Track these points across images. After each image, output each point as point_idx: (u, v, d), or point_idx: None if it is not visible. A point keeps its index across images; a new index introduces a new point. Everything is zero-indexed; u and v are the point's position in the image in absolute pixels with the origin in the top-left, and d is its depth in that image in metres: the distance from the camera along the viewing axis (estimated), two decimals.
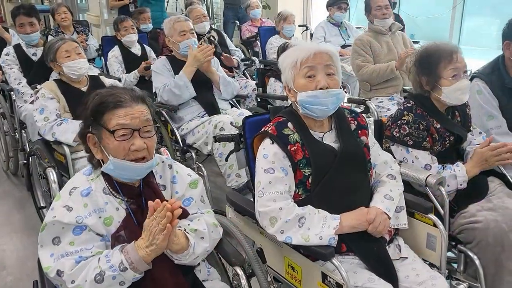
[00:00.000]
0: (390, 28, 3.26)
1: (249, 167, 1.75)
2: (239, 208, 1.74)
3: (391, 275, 1.43)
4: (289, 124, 1.54)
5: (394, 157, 1.81)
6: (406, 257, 1.52)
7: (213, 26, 4.85)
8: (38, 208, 2.81)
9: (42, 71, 3.10)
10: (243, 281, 1.41)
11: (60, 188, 2.12)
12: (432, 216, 1.61)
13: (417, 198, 1.68)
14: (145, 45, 4.06)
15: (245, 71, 4.18)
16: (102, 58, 4.16)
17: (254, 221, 1.64)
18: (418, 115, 1.84)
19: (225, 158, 2.14)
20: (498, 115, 2.10)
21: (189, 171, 1.49)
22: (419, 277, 1.43)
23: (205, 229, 1.36)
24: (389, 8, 3.23)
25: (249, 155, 1.72)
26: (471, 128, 2.01)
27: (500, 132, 2.08)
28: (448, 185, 1.78)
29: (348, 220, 1.45)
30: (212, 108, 2.79)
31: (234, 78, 3.66)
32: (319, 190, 1.49)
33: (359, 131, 1.61)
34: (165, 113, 2.79)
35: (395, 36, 3.29)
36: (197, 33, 3.07)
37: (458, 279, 1.73)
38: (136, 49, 3.96)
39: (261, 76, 3.45)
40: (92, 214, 1.28)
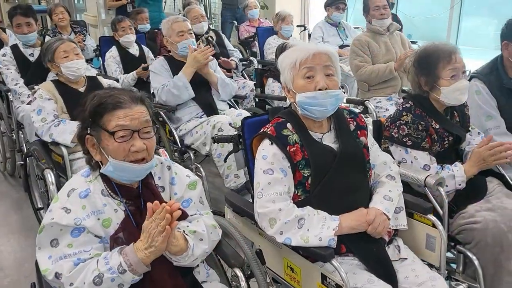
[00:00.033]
0: (388, 29, 3.26)
1: (248, 167, 1.75)
2: (238, 209, 1.73)
3: (390, 276, 1.43)
4: (288, 125, 1.54)
5: (393, 158, 1.81)
6: (405, 258, 1.52)
7: (211, 26, 4.84)
8: (36, 209, 2.80)
9: (39, 71, 3.08)
10: (243, 283, 1.41)
11: (58, 190, 2.12)
12: (431, 216, 1.61)
13: (416, 199, 1.68)
14: (143, 46, 4.05)
15: (243, 71, 4.18)
16: (100, 58, 4.14)
17: (253, 222, 1.64)
18: (417, 115, 1.84)
19: (223, 159, 2.14)
20: (496, 115, 2.11)
21: (188, 172, 1.49)
22: (419, 278, 1.43)
23: (204, 230, 1.36)
24: (387, 8, 3.23)
25: (248, 156, 1.72)
26: (469, 128, 2.01)
27: (499, 132, 2.09)
28: (447, 185, 1.78)
29: (348, 221, 1.44)
30: (210, 109, 2.79)
31: (232, 78, 3.65)
32: (318, 191, 1.49)
33: (358, 132, 1.61)
34: (163, 114, 2.78)
35: (393, 36, 3.29)
36: (195, 34, 3.06)
37: (457, 280, 1.73)
38: (134, 50, 3.95)
39: (259, 77, 3.45)
40: (90, 216, 1.27)
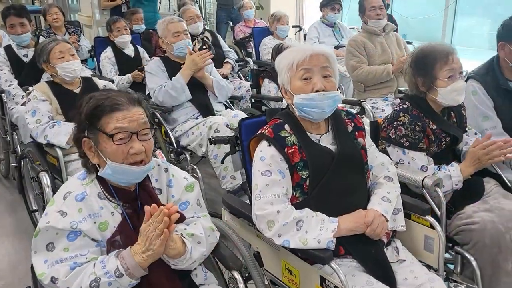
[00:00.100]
0: (384, 29, 3.26)
1: (245, 169, 1.74)
2: (235, 211, 1.72)
3: (389, 277, 1.43)
4: (286, 126, 1.53)
5: (390, 159, 1.80)
6: (404, 260, 1.51)
7: (206, 27, 4.82)
8: (30, 211, 2.77)
9: (33, 72, 3.06)
10: (241, 286, 1.40)
11: (53, 192, 2.10)
12: (429, 217, 1.60)
13: (414, 200, 1.67)
14: (138, 46, 4.03)
15: (239, 72, 4.17)
16: (95, 59, 4.12)
17: (250, 224, 1.63)
18: (414, 116, 1.84)
19: (220, 161, 2.13)
20: (493, 115, 2.11)
21: (185, 174, 1.47)
22: (417, 280, 1.42)
23: (201, 233, 1.35)
24: (383, 8, 3.23)
25: (245, 158, 1.71)
26: (466, 129, 2.01)
27: (495, 133, 2.08)
28: (444, 186, 1.77)
29: (346, 223, 1.44)
30: (206, 110, 2.77)
31: (228, 79, 3.64)
32: (316, 192, 1.48)
33: (356, 133, 1.60)
34: (159, 115, 2.76)
35: (389, 37, 3.29)
36: (190, 34, 3.05)
37: (456, 281, 1.73)
38: (129, 50, 3.93)
39: (255, 77, 3.44)
40: (87, 219, 1.25)
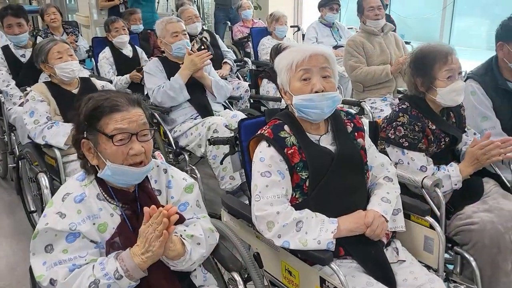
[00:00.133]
0: (383, 29, 3.26)
1: (244, 170, 1.73)
2: (235, 211, 1.72)
3: (389, 278, 1.42)
4: (286, 127, 1.53)
5: (390, 159, 1.80)
6: (404, 260, 1.51)
7: (204, 27, 4.82)
8: (28, 212, 2.76)
9: (31, 72, 3.05)
10: (240, 287, 1.39)
11: (52, 193, 2.09)
12: (429, 218, 1.60)
13: (413, 200, 1.67)
14: (136, 47, 4.02)
15: (238, 72, 4.16)
16: (93, 59, 4.11)
17: (249, 224, 1.63)
18: (413, 116, 1.84)
19: (220, 161, 2.12)
20: (492, 116, 2.11)
21: (184, 175, 1.47)
22: (417, 280, 1.42)
23: (201, 234, 1.34)
24: (381, 9, 3.24)
25: (244, 158, 1.70)
26: (465, 129, 2.01)
27: (494, 133, 2.08)
28: (443, 186, 1.77)
29: (346, 224, 1.43)
30: (205, 110, 2.77)
31: (227, 79, 3.63)
32: (316, 193, 1.48)
33: (355, 133, 1.60)
34: (157, 115, 2.76)
35: (387, 37, 3.29)
36: (189, 34, 3.05)
37: (456, 281, 1.73)
38: (128, 51, 3.92)
39: (254, 77, 3.43)
40: (86, 220, 1.25)
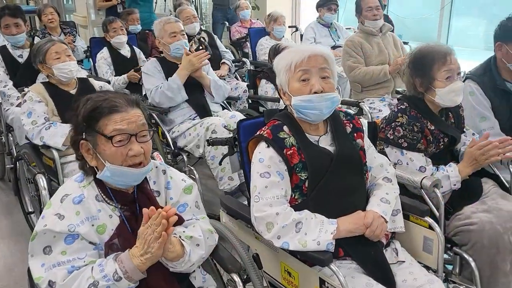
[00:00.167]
0: (381, 29, 3.27)
1: (243, 170, 1.73)
2: (233, 212, 1.71)
3: (388, 279, 1.42)
4: (285, 128, 1.52)
5: (389, 159, 1.80)
6: (403, 261, 1.51)
7: (202, 27, 4.81)
8: (26, 213, 2.75)
9: (28, 73, 3.04)
10: None
11: (50, 195, 2.08)
12: (428, 218, 1.60)
13: (412, 201, 1.67)
14: (134, 47, 4.01)
15: (236, 72, 4.15)
16: (91, 59, 4.10)
17: (248, 225, 1.62)
18: (412, 117, 1.84)
19: (218, 162, 2.12)
20: (490, 116, 2.11)
21: (183, 176, 1.47)
22: (417, 281, 1.42)
23: (200, 236, 1.34)
24: (379, 9, 3.24)
25: (243, 159, 1.70)
26: (464, 129, 2.01)
27: (493, 133, 2.08)
28: (442, 186, 1.77)
29: (346, 224, 1.43)
30: (203, 110, 2.77)
31: (225, 79, 3.63)
32: (315, 194, 1.47)
33: (354, 134, 1.60)
34: (155, 116, 2.75)
35: (386, 37, 3.29)
36: (187, 34, 3.04)
37: (455, 282, 1.73)
38: (126, 51, 3.91)
39: (252, 78, 3.43)
40: (84, 222, 1.24)
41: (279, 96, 1.64)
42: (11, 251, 2.64)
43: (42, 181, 2.16)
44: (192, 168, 2.66)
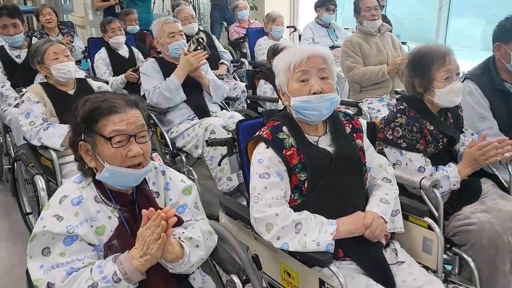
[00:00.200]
0: (379, 29, 3.27)
1: (242, 171, 1.73)
2: (233, 213, 1.71)
3: (388, 280, 1.42)
4: (284, 128, 1.52)
5: (388, 160, 1.80)
6: (402, 262, 1.51)
7: (200, 27, 4.81)
8: (24, 214, 2.74)
9: (26, 73, 3.03)
10: None
11: (48, 196, 2.07)
12: (428, 219, 1.60)
13: (412, 201, 1.67)
14: (132, 47, 4.01)
15: (234, 73, 4.15)
16: (89, 60, 4.09)
17: (248, 226, 1.62)
18: (411, 117, 1.83)
19: (218, 163, 2.11)
20: (489, 116, 2.11)
21: (183, 177, 1.46)
22: (417, 282, 1.42)
23: (200, 237, 1.34)
24: (378, 9, 3.24)
25: (243, 160, 1.70)
26: (463, 129, 2.01)
27: (492, 133, 2.09)
28: (441, 186, 1.77)
29: (345, 225, 1.43)
30: (202, 111, 2.76)
31: (223, 80, 3.63)
32: (315, 194, 1.47)
33: (354, 134, 1.60)
34: (154, 116, 2.75)
35: (384, 37, 3.29)
36: (185, 35, 3.04)
37: (454, 283, 1.73)
38: (124, 51, 3.91)
39: (251, 78, 3.43)
40: (83, 223, 1.24)
41: (278, 97, 1.64)
42: (9, 252, 2.63)
43: (40, 182, 2.15)
44: (190, 168, 2.66)
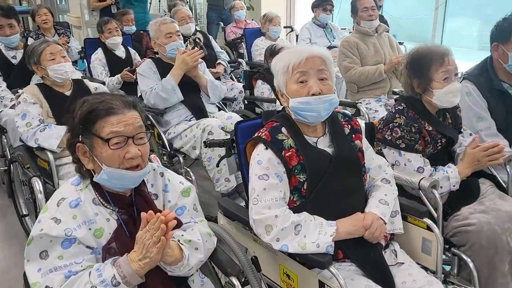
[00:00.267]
0: (377, 30, 3.27)
1: (241, 172, 1.72)
2: (231, 214, 1.70)
3: (388, 281, 1.42)
4: (283, 129, 1.51)
5: (386, 160, 1.79)
6: (402, 263, 1.50)
7: (196, 27, 4.80)
8: (20, 216, 2.73)
9: (22, 74, 3.01)
10: None
11: (45, 197, 2.06)
12: (427, 219, 1.60)
13: (411, 202, 1.67)
14: (129, 48, 3.99)
15: (232, 73, 4.14)
16: (85, 60, 4.07)
17: (246, 227, 1.61)
18: (410, 117, 1.83)
19: (216, 164, 2.10)
20: (487, 116, 2.11)
21: (181, 178, 1.45)
22: (416, 283, 1.42)
23: (199, 239, 1.33)
24: (375, 9, 3.24)
25: (241, 161, 1.69)
26: (461, 130, 2.01)
27: (489, 134, 2.10)
28: (441, 187, 1.77)
29: (345, 226, 1.42)
30: (199, 112, 2.75)
31: (220, 80, 3.62)
32: (314, 195, 1.46)
33: (353, 135, 1.59)
34: (151, 117, 2.73)
35: (381, 38, 3.29)
36: (182, 35, 3.02)
37: (453, 283, 1.72)
38: (120, 52, 3.89)
39: (248, 79, 3.42)
40: (81, 226, 1.22)
41: (276, 97, 1.63)
42: (5, 255, 2.61)
43: (38, 184, 2.14)
44: (188, 169, 2.64)
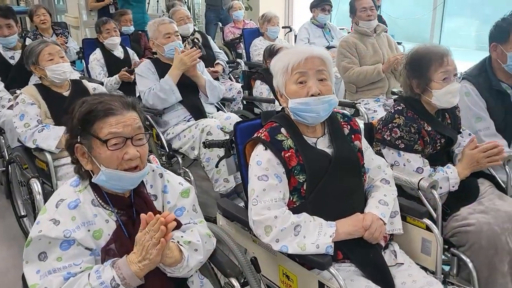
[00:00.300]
0: (375, 30, 3.27)
1: (240, 173, 1.71)
2: (231, 215, 1.70)
3: (387, 282, 1.41)
4: (282, 130, 1.51)
5: (386, 160, 1.79)
6: (402, 263, 1.50)
7: (195, 27, 4.79)
8: (19, 217, 2.72)
9: (20, 75, 3.01)
10: None
11: (44, 199, 2.05)
12: (426, 220, 1.60)
13: (410, 203, 1.67)
14: (127, 48, 3.99)
15: (230, 73, 4.14)
16: (83, 61, 4.06)
17: (246, 228, 1.61)
18: (409, 118, 1.83)
19: (215, 165, 2.10)
20: (486, 116, 2.11)
21: (180, 179, 1.45)
22: (416, 283, 1.41)
23: (198, 240, 1.32)
24: (374, 9, 3.24)
25: (241, 161, 1.68)
26: (461, 130, 2.01)
27: (488, 134, 2.10)
28: (441, 188, 1.77)
29: (345, 227, 1.42)
30: (198, 112, 2.75)
31: (219, 80, 3.61)
32: (314, 196, 1.46)
33: (352, 136, 1.59)
34: (150, 117, 2.73)
35: (380, 38, 3.29)
36: (181, 35, 3.02)
37: (453, 284, 1.72)
38: (119, 52, 3.89)
39: (247, 79, 3.41)
40: (80, 227, 1.22)
41: (274, 97, 1.63)
42: (3, 256, 2.60)
43: (36, 185, 2.13)
44: (187, 170, 2.64)
